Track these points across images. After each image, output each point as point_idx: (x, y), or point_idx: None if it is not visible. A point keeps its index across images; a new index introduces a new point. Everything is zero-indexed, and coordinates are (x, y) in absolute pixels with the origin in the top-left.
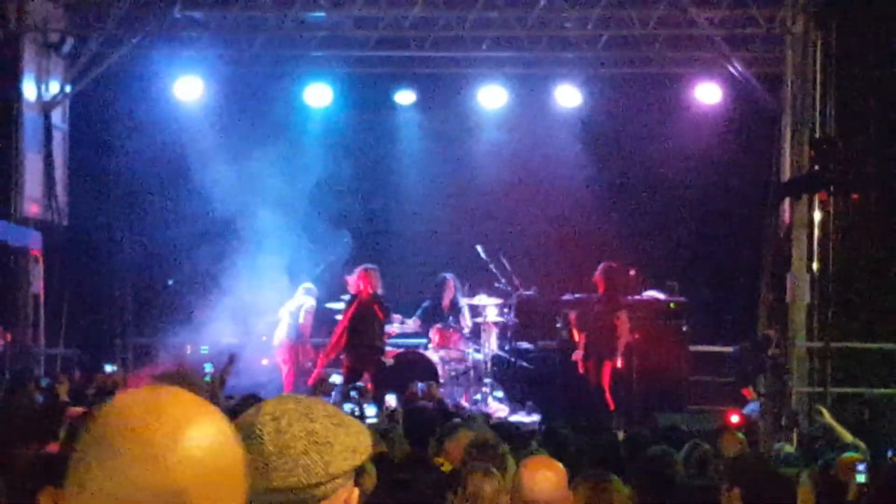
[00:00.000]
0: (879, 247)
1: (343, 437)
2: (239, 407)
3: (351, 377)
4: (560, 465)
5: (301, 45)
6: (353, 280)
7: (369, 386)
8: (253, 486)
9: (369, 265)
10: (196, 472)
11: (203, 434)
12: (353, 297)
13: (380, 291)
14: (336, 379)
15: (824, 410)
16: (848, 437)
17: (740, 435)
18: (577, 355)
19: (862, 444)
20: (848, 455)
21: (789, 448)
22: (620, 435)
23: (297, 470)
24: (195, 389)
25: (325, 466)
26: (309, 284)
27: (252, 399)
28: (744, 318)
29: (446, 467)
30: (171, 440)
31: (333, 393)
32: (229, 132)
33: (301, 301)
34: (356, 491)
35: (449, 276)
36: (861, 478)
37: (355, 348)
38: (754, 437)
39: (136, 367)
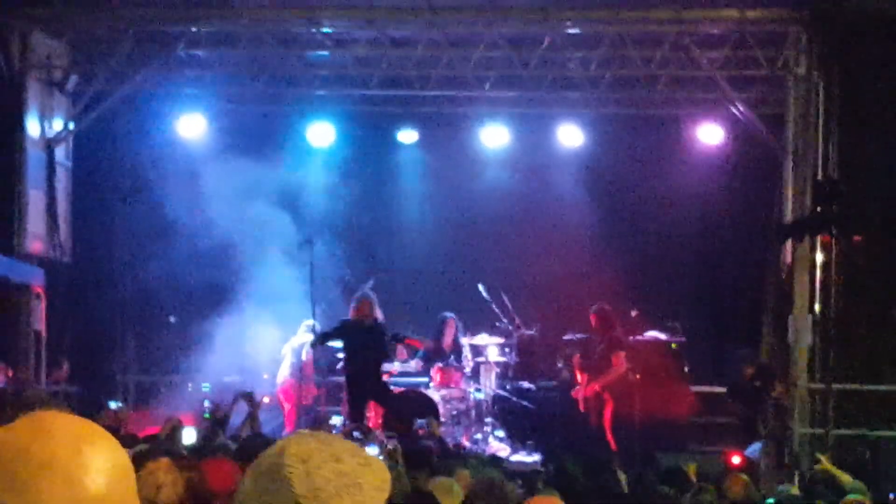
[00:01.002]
0: (881, 289)
1: (370, 477)
2: (247, 444)
3: (354, 409)
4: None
5: (304, 84)
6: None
7: (371, 425)
8: None
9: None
10: (108, 481)
11: (101, 447)
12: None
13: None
14: (336, 421)
15: (823, 457)
16: (849, 480)
17: (745, 477)
18: (578, 393)
19: (863, 486)
20: (850, 497)
21: (794, 490)
22: (622, 475)
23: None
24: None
25: None
26: (311, 322)
27: (258, 438)
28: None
29: None
30: (75, 457)
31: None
32: (232, 170)
33: (304, 339)
34: None
35: (450, 315)
36: None
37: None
38: (755, 478)
39: (138, 405)
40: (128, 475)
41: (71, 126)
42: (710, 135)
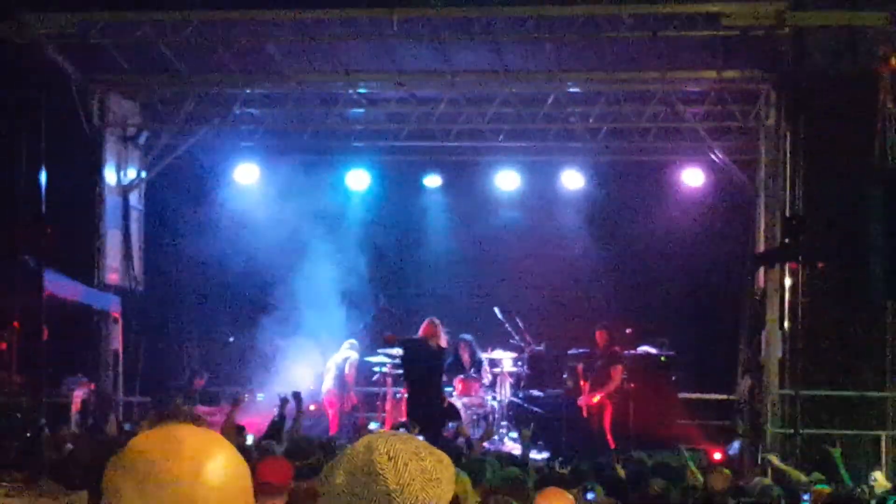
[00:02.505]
0: (841, 308)
1: (445, 472)
2: (294, 445)
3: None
4: (571, 496)
5: (343, 137)
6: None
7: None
8: None
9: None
10: (221, 498)
11: (219, 463)
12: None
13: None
14: (373, 426)
15: (773, 457)
16: (801, 476)
17: (726, 471)
18: (582, 401)
19: (822, 477)
20: (818, 487)
21: (766, 482)
22: (620, 470)
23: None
24: (200, 424)
25: (437, 500)
26: (353, 341)
27: (304, 441)
28: (725, 370)
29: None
30: (194, 471)
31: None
32: (281, 212)
33: (346, 354)
34: None
35: (461, 338)
36: None
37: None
38: (734, 472)
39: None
40: (242, 489)
41: (143, 175)
42: (692, 178)
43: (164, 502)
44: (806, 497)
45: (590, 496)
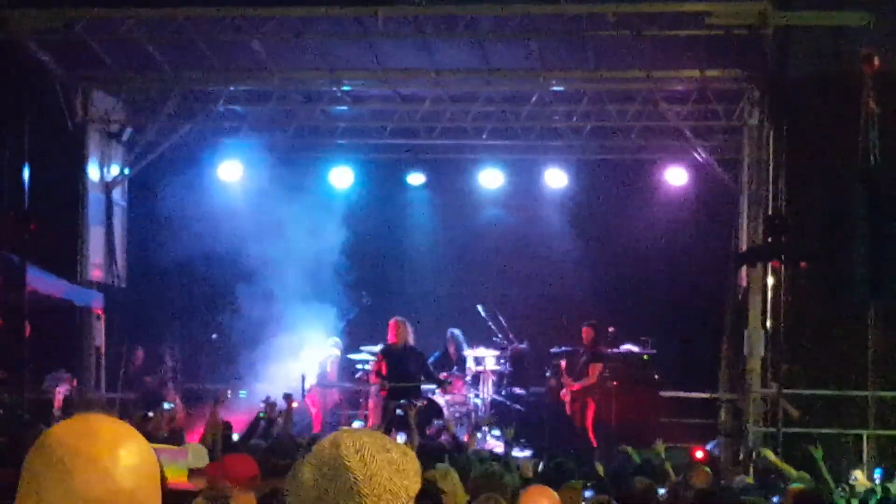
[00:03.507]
0: (824, 307)
1: (411, 464)
2: (277, 443)
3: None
4: (555, 493)
5: (327, 135)
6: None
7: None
8: None
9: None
10: (136, 478)
11: (133, 447)
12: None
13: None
14: (357, 424)
15: (768, 452)
16: (792, 472)
17: (707, 469)
18: (566, 395)
19: (807, 476)
20: (795, 486)
21: (748, 480)
22: (599, 467)
23: (386, 495)
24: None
25: (405, 490)
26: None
27: (287, 438)
28: (707, 368)
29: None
30: (110, 452)
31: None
32: (265, 209)
33: (328, 352)
34: None
35: (454, 332)
36: None
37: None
38: (716, 470)
39: (185, 409)
40: (154, 473)
41: (126, 171)
42: (675, 177)
43: (82, 481)
44: (776, 500)
45: (588, 494)
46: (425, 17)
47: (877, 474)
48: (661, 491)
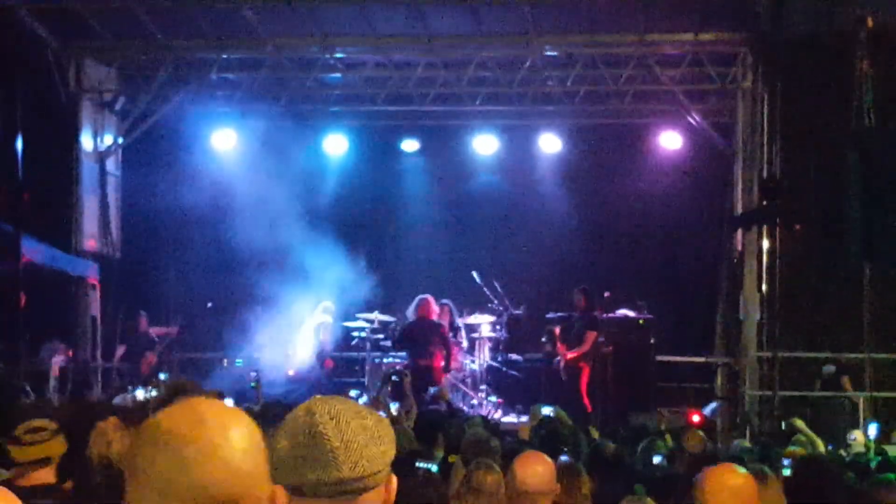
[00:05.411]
0: (819, 270)
1: (387, 431)
2: (266, 411)
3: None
4: (550, 460)
5: (320, 102)
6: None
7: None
8: (323, 477)
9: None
10: (252, 458)
11: (242, 433)
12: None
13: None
14: (353, 393)
15: (798, 421)
16: (820, 444)
17: (700, 433)
18: (561, 362)
19: (815, 439)
20: (790, 449)
21: (745, 444)
22: (595, 431)
23: (363, 461)
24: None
25: (381, 456)
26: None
27: (277, 404)
28: (703, 333)
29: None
30: (223, 438)
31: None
32: (259, 177)
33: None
34: (394, 476)
35: (446, 302)
36: (786, 472)
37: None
38: (713, 434)
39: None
40: (263, 450)
41: (119, 141)
42: (670, 141)
43: (202, 471)
44: (786, 462)
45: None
46: None
47: (872, 426)
48: (658, 458)
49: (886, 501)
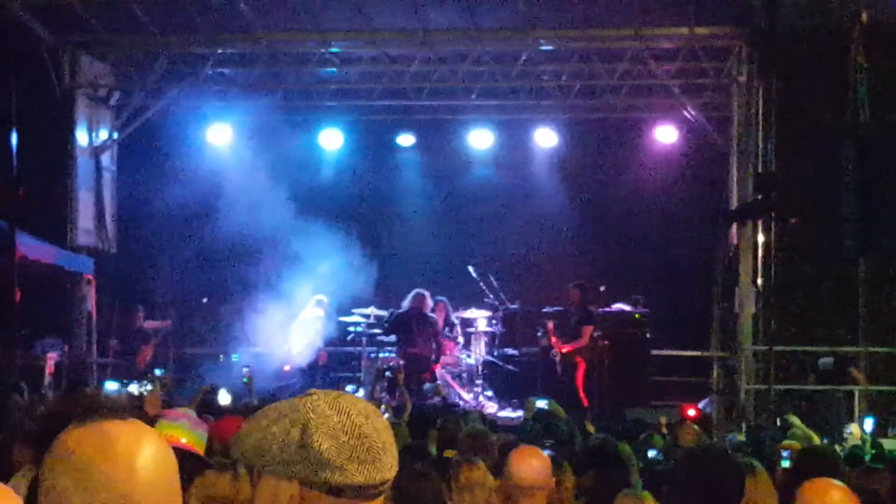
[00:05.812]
0: (814, 264)
1: (394, 429)
2: (264, 406)
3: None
4: (545, 454)
5: (316, 97)
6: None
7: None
8: (370, 479)
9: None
10: (155, 480)
11: (149, 457)
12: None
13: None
14: (349, 388)
15: (793, 417)
16: (815, 439)
17: (696, 427)
18: (555, 355)
19: (810, 434)
20: (785, 442)
21: (740, 437)
22: (590, 426)
23: (395, 462)
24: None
25: (377, 432)
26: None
27: (272, 400)
28: (698, 327)
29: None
30: (127, 469)
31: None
32: (254, 172)
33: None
34: None
35: (441, 299)
36: (785, 463)
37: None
38: (708, 428)
39: (177, 373)
40: (173, 474)
41: (115, 136)
42: (665, 135)
43: (106, 495)
44: (785, 454)
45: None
46: None
47: (868, 420)
48: (653, 452)
49: (872, 489)
